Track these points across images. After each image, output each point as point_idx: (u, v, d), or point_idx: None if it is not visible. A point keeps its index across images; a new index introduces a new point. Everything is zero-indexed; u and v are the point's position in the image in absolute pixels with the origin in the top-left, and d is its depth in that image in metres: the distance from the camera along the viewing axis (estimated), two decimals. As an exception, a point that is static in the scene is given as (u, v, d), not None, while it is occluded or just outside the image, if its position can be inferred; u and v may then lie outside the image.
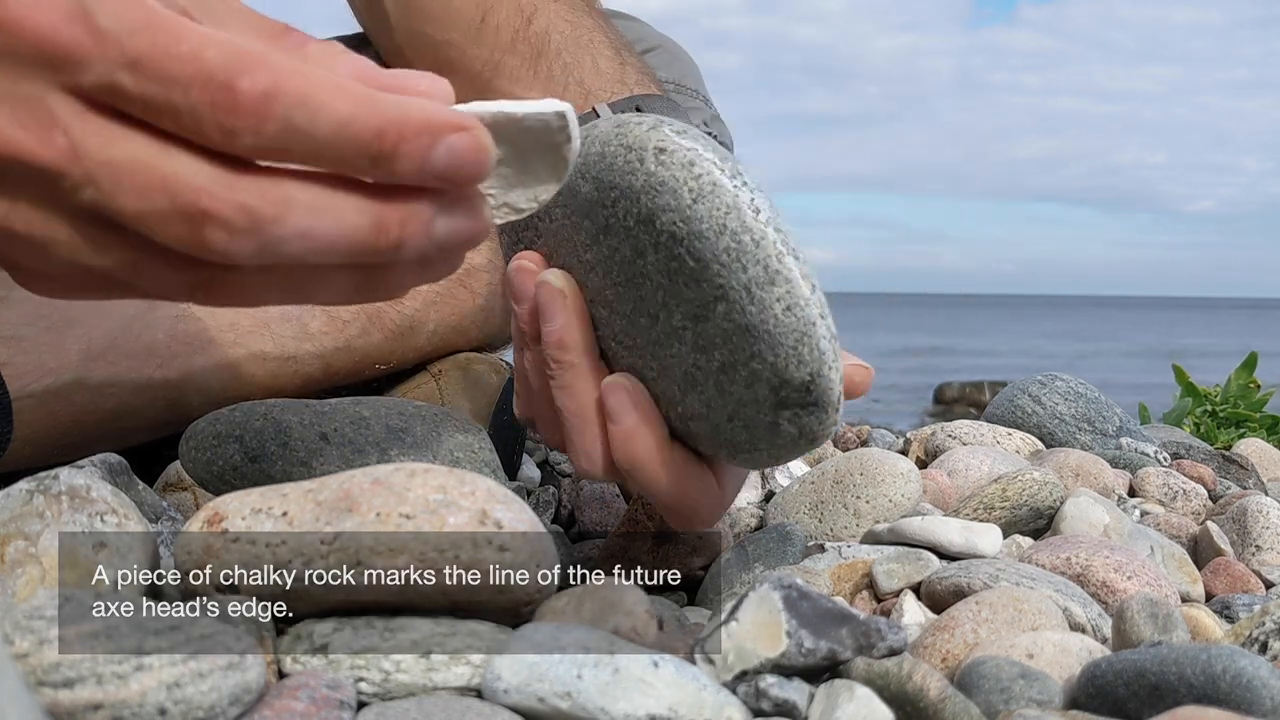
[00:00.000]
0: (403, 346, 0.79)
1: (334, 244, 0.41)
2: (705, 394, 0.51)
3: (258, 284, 0.42)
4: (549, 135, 0.44)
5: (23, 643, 0.37)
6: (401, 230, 0.41)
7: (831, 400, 0.49)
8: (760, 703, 0.42)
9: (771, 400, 0.49)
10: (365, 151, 0.40)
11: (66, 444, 0.68)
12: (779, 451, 0.51)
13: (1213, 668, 0.40)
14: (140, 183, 0.39)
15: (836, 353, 0.49)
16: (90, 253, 0.41)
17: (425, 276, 0.45)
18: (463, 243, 0.44)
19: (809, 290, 0.47)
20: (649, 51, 0.98)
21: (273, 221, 0.40)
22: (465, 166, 0.41)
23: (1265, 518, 0.68)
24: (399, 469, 0.47)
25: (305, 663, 0.44)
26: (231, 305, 0.45)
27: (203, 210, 0.39)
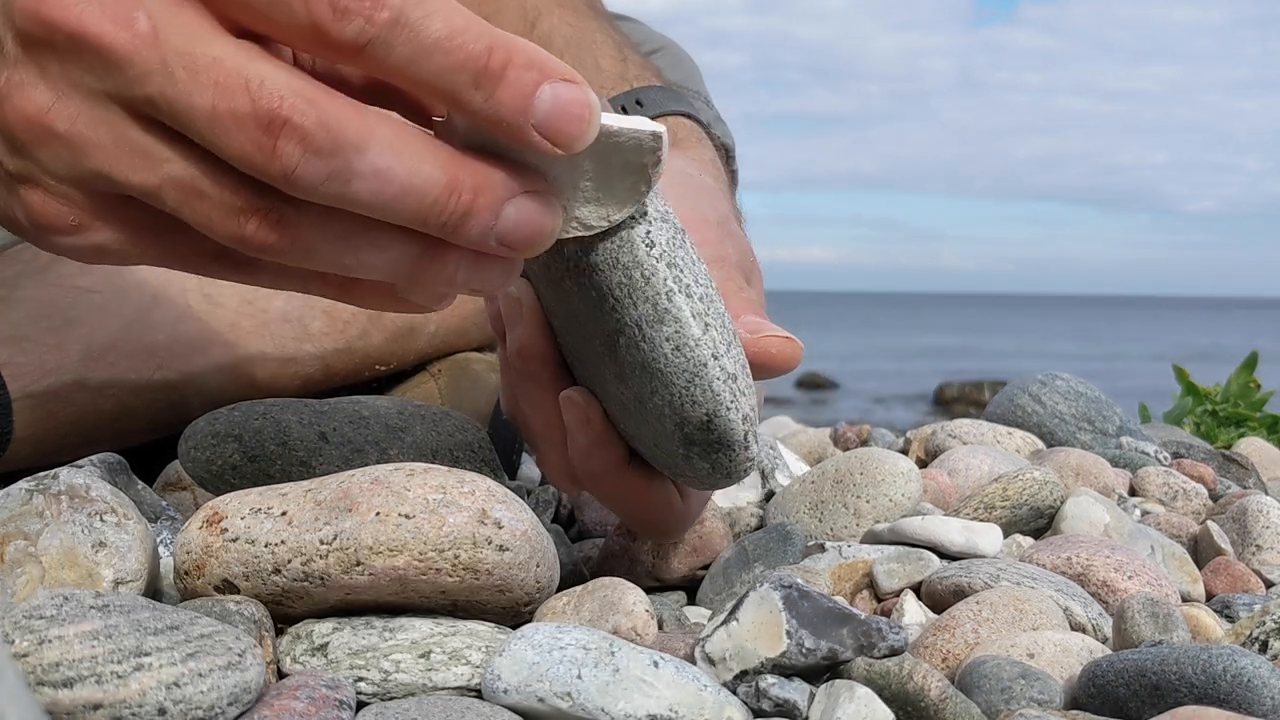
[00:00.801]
0: (403, 348, 0.79)
1: (404, 192, 0.38)
2: (634, 420, 0.50)
3: (310, 234, 0.39)
4: (639, 154, 0.42)
5: (23, 642, 0.37)
6: (474, 197, 0.39)
7: (735, 439, 0.47)
8: (760, 703, 0.42)
9: (679, 436, 0.48)
10: (470, 65, 0.37)
11: (66, 444, 0.68)
12: (707, 481, 0.50)
13: (1213, 667, 0.40)
14: (220, 79, 0.36)
15: (738, 393, 0.47)
16: (132, 165, 0.38)
17: (475, 278, 0.42)
18: (527, 238, 0.40)
19: (700, 329, 0.46)
20: (653, 53, 0.98)
21: (351, 148, 0.37)
22: (567, 121, 0.38)
23: (1265, 517, 0.68)
24: (398, 469, 0.47)
25: (305, 662, 0.44)
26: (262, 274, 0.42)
27: (283, 117, 0.36)
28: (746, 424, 0.48)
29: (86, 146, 0.38)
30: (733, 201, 0.69)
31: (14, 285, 0.68)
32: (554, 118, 0.38)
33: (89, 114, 0.38)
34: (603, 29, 0.77)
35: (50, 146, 0.38)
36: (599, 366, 0.50)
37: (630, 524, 0.55)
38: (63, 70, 0.37)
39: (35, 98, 0.38)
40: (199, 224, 0.39)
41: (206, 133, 0.37)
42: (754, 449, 0.49)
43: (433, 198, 0.38)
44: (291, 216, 0.39)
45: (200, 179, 0.38)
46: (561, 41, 0.75)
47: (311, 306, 0.74)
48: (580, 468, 0.52)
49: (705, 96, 0.97)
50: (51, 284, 0.69)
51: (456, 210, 0.39)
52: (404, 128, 0.38)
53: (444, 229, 0.39)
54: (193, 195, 0.38)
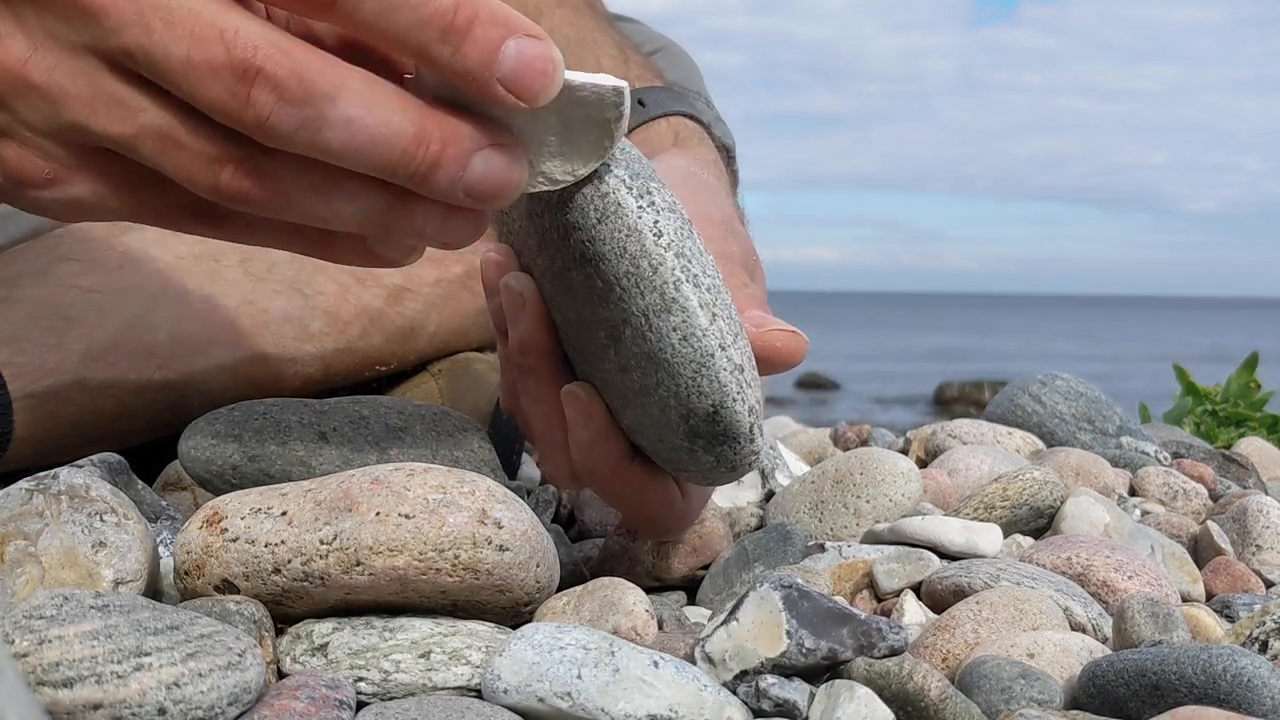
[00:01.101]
0: (403, 349, 0.79)
1: (374, 141, 0.39)
2: (636, 412, 0.50)
3: (284, 184, 0.40)
4: (601, 109, 0.43)
5: (23, 642, 0.37)
6: (441, 149, 0.40)
7: (741, 431, 0.47)
8: (760, 703, 0.42)
9: (683, 428, 0.48)
10: (437, 21, 0.38)
11: (66, 444, 0.68)
12: (710, 475, 0.50)
13: (1213, 667, 0.40)
14: (195, 30, 0.37)
15: (744, 385, 0.47)
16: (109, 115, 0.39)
17: (443, 231, 0.43)
18: (494, 190, 0.41)
19: (707, 320, 0.46)
20: (653, 54, 0.98)
21: (324, 98, 0.38)
22: (530, 76, 0.39)
23: (1265, 517, 0.68)
24: (398, 468, 0.47)
25: (305, 662, 0.44)
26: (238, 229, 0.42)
27: (257, 67, 0.37)
28: (753, 416, 0.47)
29: (64, 97, 0.38)
30: (735, 201, 0.69)
31: (14, 285, 0.68)
32: (518, 72, 0.39)
33: (66, 65, 0.38)
34: (603, 29, 0.77)
35: (27, 98, 0.39)
36: (601, 359, 0.50)
37: (631, 521, 0.55)
38: (40, 21, 0.38)
39: (13, 49, 0.38)
40: (176, 174, 0.40)
41: (182, 82, 0.37)
42: (759, 442, 0.49)
43: (402, 148, 0.39)
44: (266, 166, 0.40)
45: (177, 128, 0.39)
46: (562, 41, 0.75)
47: (312, 307, 0.74)
48: (581, 464, 0.52)
49: (706, 97, 0.97)
50: (52, 284, 0.69)
51: (425, 160, 0.40)
52: (375, 80, 0.39)
53: (413, 179, 0.40)
54: (169, 145, 0.39)
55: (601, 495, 0.54)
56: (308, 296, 0.74)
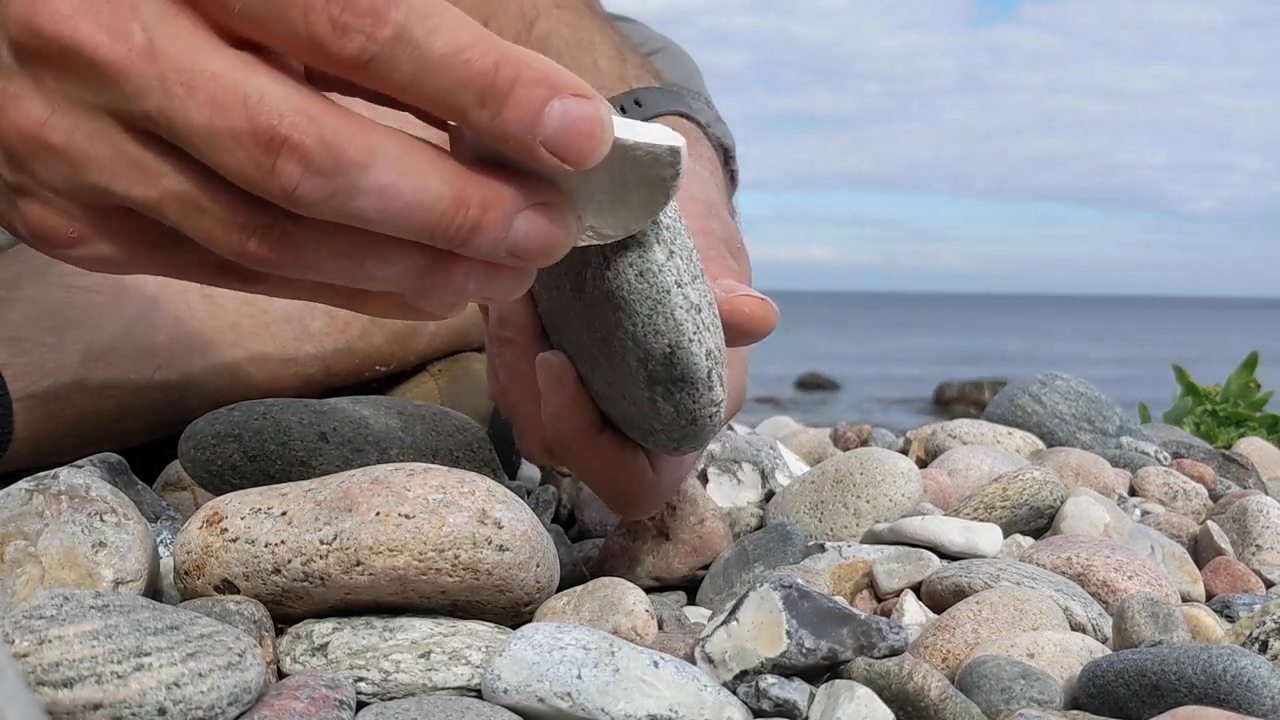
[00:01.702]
0: (403, 349, 0.79)
1: (410, 209, 0.37)
2: (603, 371, 0.50)
3: (314, 250, 0.38)
4: (656, 169, 0.41)
5: (23, 642, 0.37)
6: (482, 213, 0.38)
7: (699, 376, 0.46)
8: (760, 703, 0.42)
9: (644, 375, 0.47)
10: (477, 83, 0.36)
11: (66, 444, 0.68)
12: (674, 434, 0.49)
13: (1213, 667, 0.40)
14: (217, 96, 0.35)
15: (702, 326, 0.46)
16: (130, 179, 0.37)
17: (486, 289, 0.41)
18: (539, 250, 0.39)
19: (664, 256, 0.45)
20: (652, 54, 0.98)
21: (354, 166, 0.36)
22: (576, 138, 0.37)
23: (1265, 517, 0.68)
24: (398, 468, 0.47)
25: (305, 662, 0.44)
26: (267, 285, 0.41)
27: (283, 136, 0.35)
28: (710, 360, 0.47)
29: (83, 160, 0.37)
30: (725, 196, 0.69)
31: (14, 285, 0.68)
32: (563, 134, 0.37)
33: (85, 127, 0.37)
34: (601, 30, 0.77)
35: (46, 160, 0.38)
36: (570, 318, 0.50)
37: (602, 496, 0.55)
38: (58, 83, 0.37)
39: (30, 110, 0.37)
40: (200, 238, 0.38)
41: (205, 150, 0.36)
42: (719, 392, 0.48)
43: (439, 213, 0.38)
44: (294, 232, 0.38)
45: (200, 194, 0.37)
46: (560, 42, 0.75)
47: (312, 307, 0.74)
48: (552, 432, 0.52)
49: (705, 97, 0.97)
50: (52, 284, 0.69)
51: (465, 224, 0.38)
52: (409, 143, 0.38)
53: (452, 243, 0.38)
54: (193, 210, 0.38)
55: (572, 467, 0.54)
56: (308, 297, 0.74)
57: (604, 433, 0.52)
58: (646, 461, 0.53)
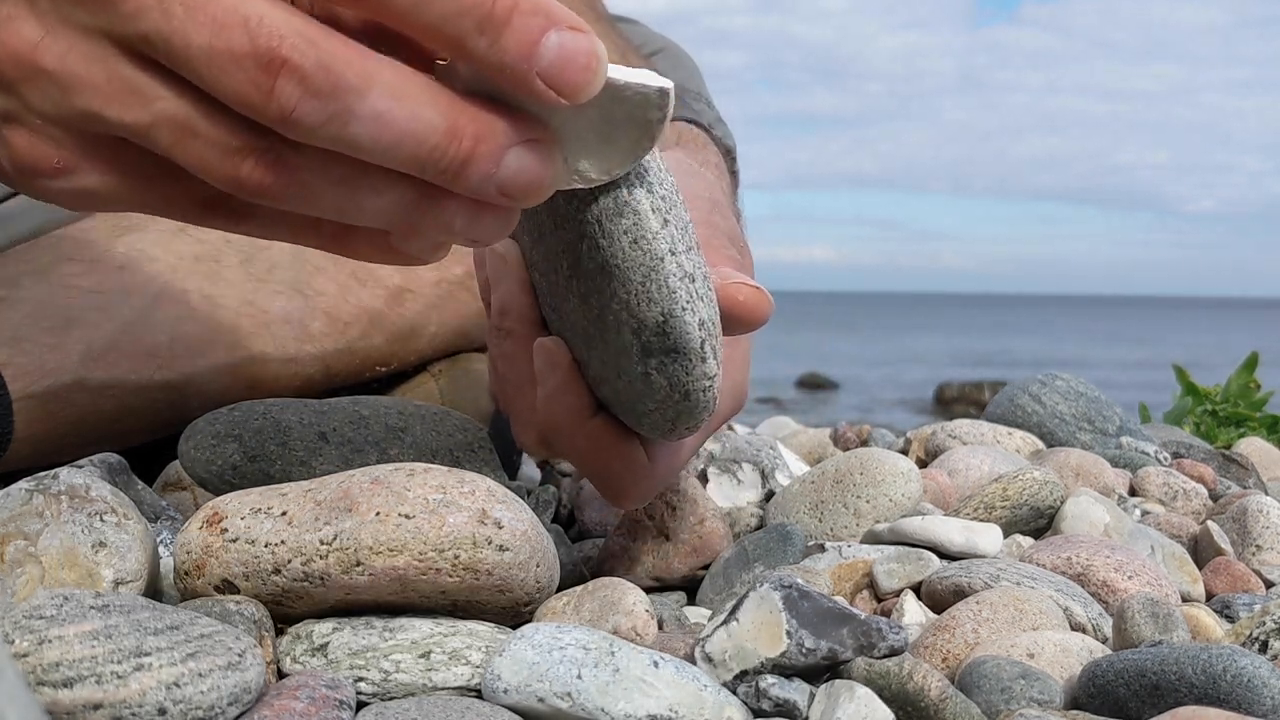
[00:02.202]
0: (404, 349, 0.79)
1: (404, 136, 0.37)
2: (598, 350, 0.50)
3: (309, 175, 0.38)
4: (644, 109, 0.41)
5: (23, 642, 0.37)
6: (474, 145, 0.38)
7: (691, 347, 0.46)
8: (760, 703, 0.42)
9: (637, 346, 0.47)
10: (475, 10, 0.36)
11: (66, 444, 0.68)
12: (668, 412, 0.49)
13: (1213, 667, 0.40)
14: (218, 17, 0.35)
15: (695, 296, 0.46)
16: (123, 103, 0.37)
17: (472, 227, 0.41)
18: (526, 187, 0.40)
19: (659, 224, 0.45)
20: (653, 55, 0.98)
21: (351, 91, 0.36)
22: (572, 70, 0.37)
23: (1265, 517, 0.68)
24: (398, 468, 0.47)
25: (305, 662, 0.44)
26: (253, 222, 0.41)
27: (282, 57, 0.35)
28: (704, 331, 0.47)
29: (76, 84, 0.37)
30: (731, 199, 0.69)
31: (14, 285, 0.68)
32: (559, 66, 0.37)
33: (79, 50, 0.36)
34: (605, 33, 0.77)
35: (38, 84, 0.37)
36: (567, 298, 0.50)
37: (595, 484, 0.55)
38: (53, 5, 0.36)
39: (23, 32, 0.37)
40: (193, 165, 0.38)
41: (203, 71, 0.36)
42: (712, 364, 0.48)
43: (433, 143, 0.38)
44: (288, 158, 0.38)
45: (195, 118, 0.37)
46: None
47: (312, 308, 0.74)
48: (545, 416, 0.52)
49: (706, 97, 0.97)
50: (52, 284, 0.69)
51: (457, 157, 0.38)
52: (406, 72, 0.38)
53: (443, 175, 0.39)
54: (186, 135, 0.37)
55: (566, 455, 0.54)
56: (308, 297, 0.74)
57: (598, 417, 0.52)
58: (641, 449, 0.53)
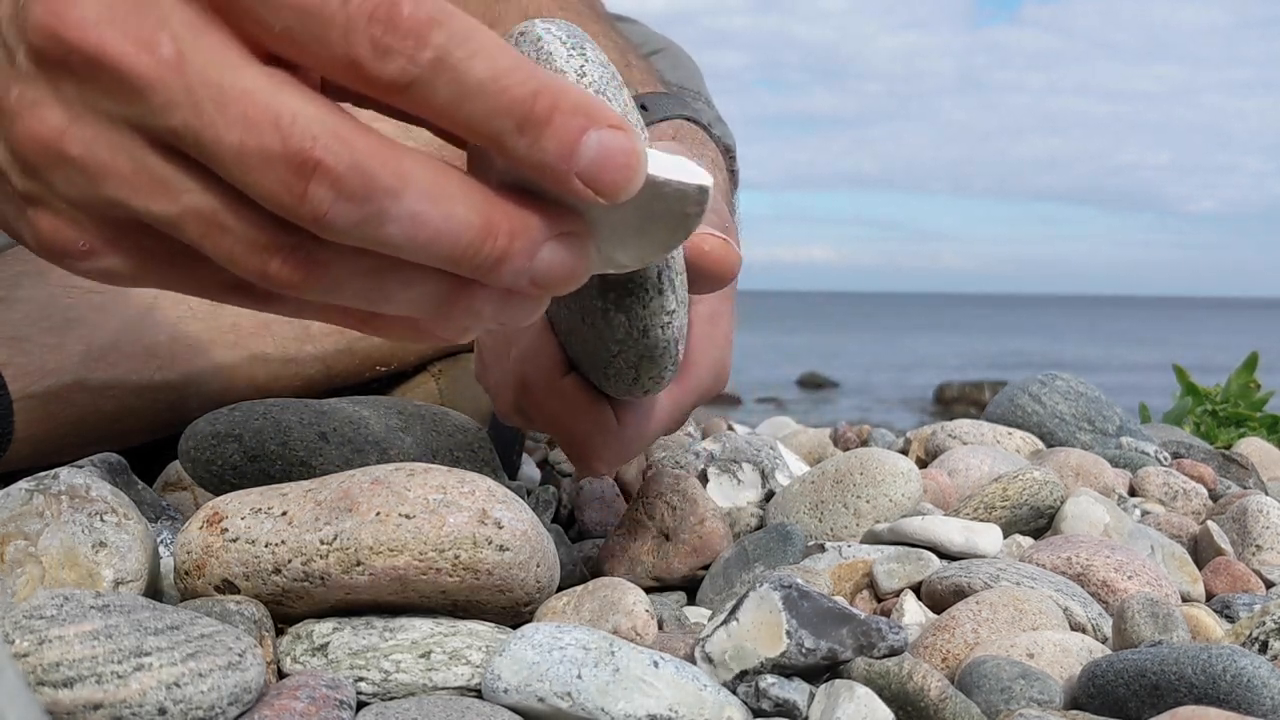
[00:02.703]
0: (403, 349, 0.79)
1: (438, 237, 0.37)
2: (566, 297, 0.49)
3: (336, 273, 0.38)
4: (682, 204, 0.41)
5: (23, 642, 0.37)
6: (510, 242, 0.37)
7: (648, 276, 0.46)
8: (760, 703, 0.42)
9: (596, 281, 0.47)
10: (515, 110, 0.36)
11: (67, 444, 0.68)
12: (630, 357, 0.49)
13: (1213, 667, 0.40)
14: (249, 114, 0.34)
15: None
16: (150, 194, 0.36)
17: (502, 314, 0.40)
18: (559, 280, 0.39)
19: None
20: (653, 54, 0.98)
21: (386, 193, 0.35)
22: (612, 170, 0.37)
23: (1265, 517, 0.68)
24: (399, 468, 0.47)
25: (305, 662, 0.44)
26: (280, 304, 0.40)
27: (315, 159, 0.34)
28: (661, 262, 0.47)
29: (102, 173, 0.36)
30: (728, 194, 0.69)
31: (14, 285, 0.68)
32: (598, 166, 0.37)
33: (105, 139, 0.36)
34: (605, 34, 0.77)
35: (63, 170, 0.37)
36: None
37: (565, 447, 0.55)
38: (79, 93, 0.36)
39: (48, 118, 0.36)
40: (220, 258, 0.37)
41: (234, 169, 0.35)
42: (670, 299, 0.47)
43: (467, 241, 0.37)
44: (318, 255, 0.37)
45: (223, 213, 0.36)
46: None
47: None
48: (517, 376, 0.53)
49: (706, 97, 0.97)
50: (52, 284, 0.69)
51: (492, 254, 0.37)
52: (440, 169, 0.37)
53: (477, 271, 0.38)
54: (214, 229, 0.37)
55: (538, 418, 0.54)
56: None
57: (569, 377, 0.53)
58: (610, 412, 0.54)
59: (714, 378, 0.57)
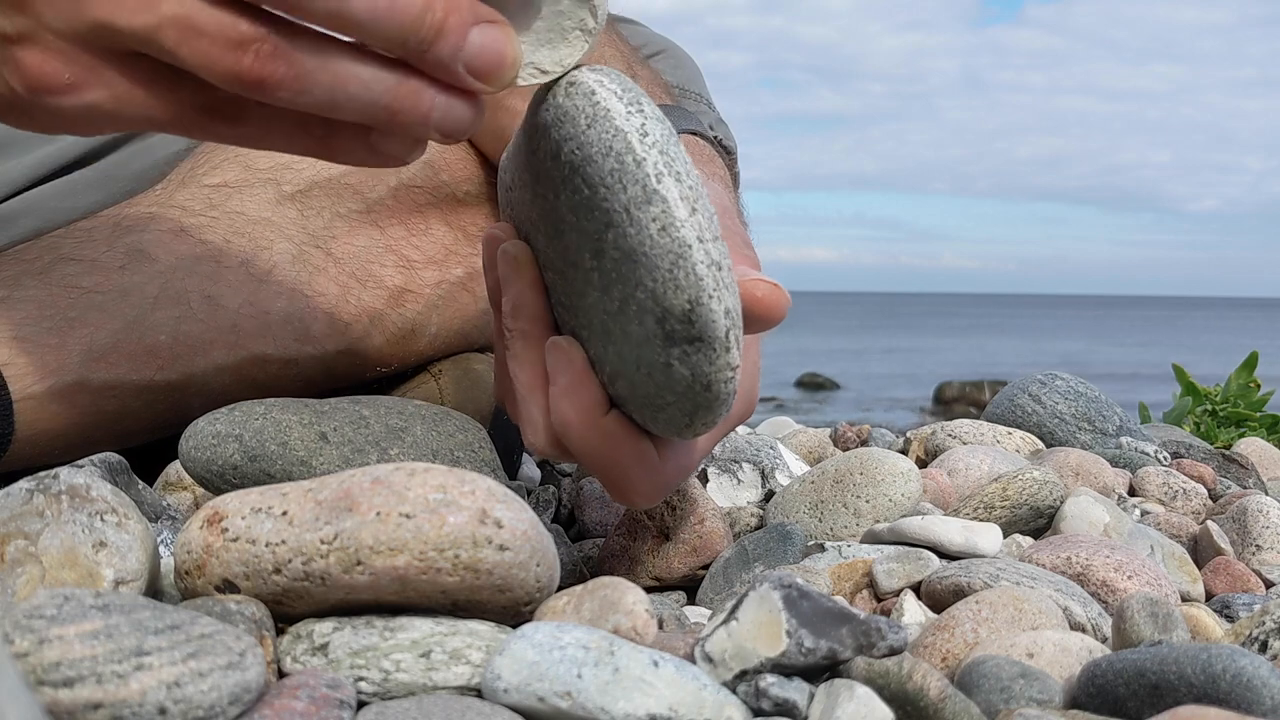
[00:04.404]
0: (404, 350, 0.79)
1: (391, 9, 0.43)
2: (616, 344, 0.50)
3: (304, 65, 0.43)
4: (580, 15, 0.47)
5: (23, 642, 0.37)
6: (445, 16, 0.44)
7: (717, 335, 0.47)
8: (760, 702, 0.42)
9: (660, 335, 0.48)
10: None
11: (67, 444, 0.68)
12: (688, 404, 0.49)
13: (1213, 667, 0.40)
14: None
15: (722, 284, 0.47)
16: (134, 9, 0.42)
17: (447, 117, 0.47)
18: (491, 64, 0.46)
19: (686, 212, 0.46)
20: (654, 56, 0.98)
21: None
22: None
23: (1265, 517, 0.68)
24: (399, 468, 0.47)
25: (305, 662, 0.44)
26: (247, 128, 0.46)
27: None
28: (729, 320, 0.47)
29: None
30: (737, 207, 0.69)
31: (16, 285, 0.68)
32: None
33: None
34: (610, 41, 0.77)
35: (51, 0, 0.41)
36: (585, 291, 0.51)
37: (605, 481, 0.54)
38: None
39: None
40: (197, 63, 0.43)
41: None
42: (735, 355, 0.48)
43: (413, 14, 0.44)
44: (284, 48, 0.43)
45: (198, 12, 0.42)
46: None
47: (313, 309, 0.74)
48: (558, 415, 0.53)
49: (707, 99, 0.97)
50: (53, 284, 0.69)
51: (432, 26, 0.44)
52: None
53: (421, 44, 0.44)
54: (190, 33, 0.42)
55: (578, 454, 0.54)
56: (308, 298, 0.74)
57: (611, 414, 0.53)
58: (653, 447, 0.54)
59: (746, 406, 0.57)
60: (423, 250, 0.77)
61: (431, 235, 0.78)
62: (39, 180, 0.82)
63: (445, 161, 0.78)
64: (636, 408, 0.52)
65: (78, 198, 0.80)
